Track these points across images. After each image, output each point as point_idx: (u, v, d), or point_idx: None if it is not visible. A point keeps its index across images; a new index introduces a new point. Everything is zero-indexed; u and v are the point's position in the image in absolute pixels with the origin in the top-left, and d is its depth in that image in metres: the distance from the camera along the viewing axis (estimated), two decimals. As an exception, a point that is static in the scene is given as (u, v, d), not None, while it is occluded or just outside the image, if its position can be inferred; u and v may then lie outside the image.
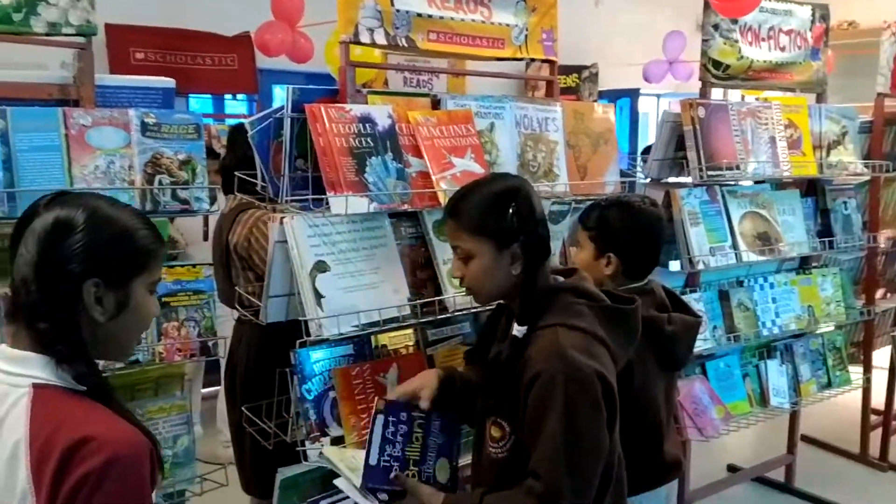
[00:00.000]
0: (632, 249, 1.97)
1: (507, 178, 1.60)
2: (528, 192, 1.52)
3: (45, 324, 1.03)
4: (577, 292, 1.51)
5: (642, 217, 1.99)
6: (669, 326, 1.94)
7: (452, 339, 2.26)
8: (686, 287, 3.07)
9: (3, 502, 1.00)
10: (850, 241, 3.45)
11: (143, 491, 1.01)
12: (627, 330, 1.54)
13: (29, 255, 1.04)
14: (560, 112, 2.50)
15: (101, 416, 1.04)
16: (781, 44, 3.22)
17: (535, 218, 1.50)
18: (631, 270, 1.99)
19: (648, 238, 2.01)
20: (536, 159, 2.43)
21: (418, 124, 2.12)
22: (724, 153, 2.93)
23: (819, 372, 3.49)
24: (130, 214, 1.12)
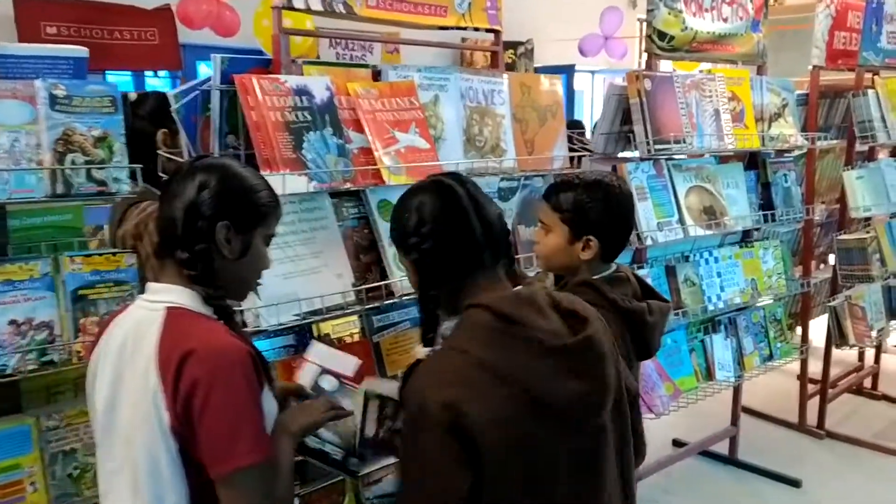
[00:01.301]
0: (612, 231, 1.82)
1: (424, 182, 1.40)
2: (430, 198, 1.33)
3: (185, 253, 1.27)
4: (493, 312, 1.25)
5: (621, 196, 1.83)
6: (650, 317, 1.80)
7: (399, 324, 2.14)
8: (633, 263, 3.02)
9: (141, 400, 1.22)
10: (791, 213, 3.46)
11: (245, 393, 1.22)
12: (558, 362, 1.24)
13: (179, 200, 1.28)
14: (506, 84, 2.39)
15: (212, 331, 1.27)
16: (724, 14, 3.17)
17: (427, 228, 1.30)
18: (608, 253, 1.84)
19: (627, 218, 1.88)
20: (483, 134, 2.31)
21: (359, 97, 1.98)
22: (670, 126, 2.87)
23: (761, 344, 3.52)
24: (255, 175, 1.38)
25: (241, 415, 1.22)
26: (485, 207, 1.34)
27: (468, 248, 1.31)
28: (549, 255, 1.84)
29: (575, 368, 1.23)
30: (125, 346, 1.27)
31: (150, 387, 1.22)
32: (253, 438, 1.22)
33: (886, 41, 3.91)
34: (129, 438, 1.24)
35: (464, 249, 1.31)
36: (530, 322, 1.24)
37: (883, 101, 3.75)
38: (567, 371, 1.23)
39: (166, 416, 1.21)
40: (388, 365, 2.06)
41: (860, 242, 3.70)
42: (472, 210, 1.32)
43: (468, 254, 1.31)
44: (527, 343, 1.22)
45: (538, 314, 1.26)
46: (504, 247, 1.37)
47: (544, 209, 1.83)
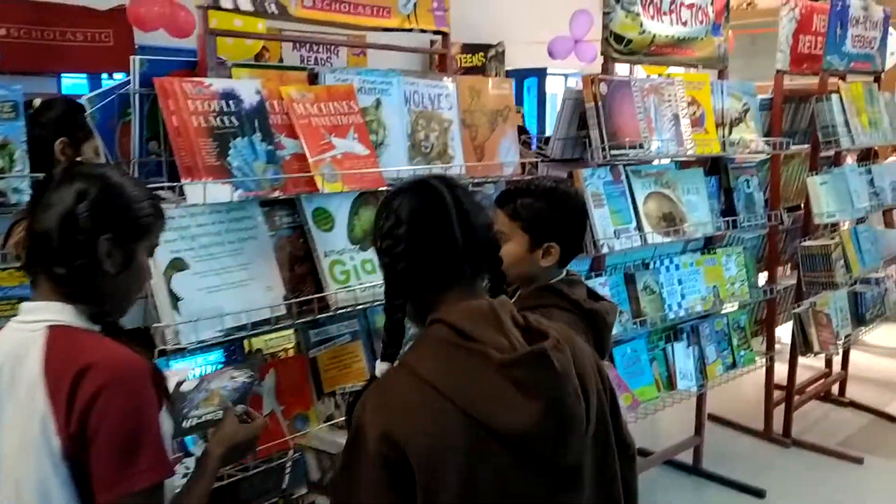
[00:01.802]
0: (571, 236, 1.81)
1: (408, 182, 1.30)
2: (410, 198, 1.22)
3: (63, 269, 1.20)
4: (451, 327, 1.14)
5: (577, 201, 1.84)
6: (609, 316, 1.81)
7: (338, 338, 2.05)
8: (591, 271, 2.96)
9: (26, 429, 1.14)
10: (753, 219, 3.42)
11: (147, 406, 1.17)
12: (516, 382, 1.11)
13: (54, 211, 1.20)
14: (454, 88, 2.32)
15: (108, 346, 1.20)
16: (683, 18, 3.12)
17: (402, 230, 1.19)
18: (566, 258, 1.82)
19: (583, 223, 1.87)
20: (429, 139, 2.24)
21: (293, 101, 1.89)
22: (627, 131, 2.81)
23: (724, 352, 3.47)
24: (137, 185, 1.30)
25: (142, 428, 1.15)
26: (471, 215, 1.21)
27: (445, 257, 1.19)
28: (509, 264, 1.71)
29: (524, 385, 1.09)
30: (0, 376, 1.18)
31: (38, 412, 1.14)
32: (154, 455, 1.15)
33: (852, 45, 3.89)
34: (16, 473, 1.15)
35: (440, 257, 1.19)
36: (485, 338, 1.12)
37: (847, 106, 3.72)
38: (515, 389, 1.09)
39: (57, 441, 1.13)
40: (325, 382, 1.98)
41: (824, 249, 3.66)
42: (455, 215, 1.19)
43: (444, 263, 1.19)
44: (477, 360, 1.10)
45: (496, 330, 1.13)
46: (489, 261, 1.26)
47: (500, 218, 1.77)
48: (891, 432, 4.25)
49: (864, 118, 3.84)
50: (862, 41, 3.95)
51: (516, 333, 1.14)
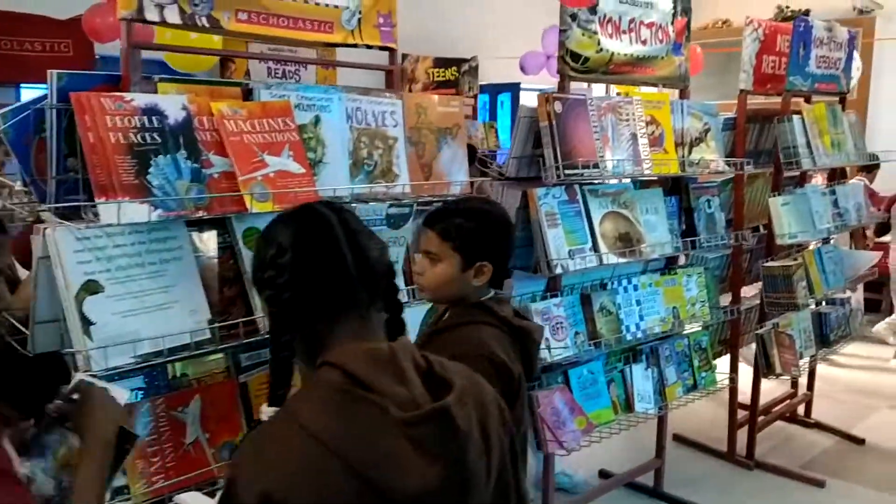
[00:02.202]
0: (503, 254, 1.82)
1: (291, 209, 1.21)
2: (294, 224, 1.13)
3: None
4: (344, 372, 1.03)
5: (504, 220, 1.85)
6: (536, 334, 1.84)
7: (272, 362, 1.98)
8: (547, 292, 2.91)
9: None
10: (714, 239, 3.39)
11: None
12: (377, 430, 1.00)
13: None
14: (400, 105, 2.26)
15: None
16: (643, 37, 3.10)
17: (285, 259, 1.08)
18: (497, 277, 1.83)
19: (512, 241, 1.91)
20: (372, 157, 2.18)
21: (224, 117, 1.83)
22: (582, 150, 2.77)
23: (685, 374, 3.42)
24: None
25: None
26: (362, 240, 1.13)
27: (335, 282, 1.08)
28: (440, 285, 1.78)
29: (424, 446, 0.99)
30: None
31: None
32: None
33: (816, 66, 3.89)
34: None
35: (330, 283, 1.08)
36: (384, 388, 1.01)
37: (809, 127, 3.71)
38: (414, 449, 0.98)
39: None
40: (256, 408, 1.91)
41: (785, 270, 3.64)
42: (344, 241, 1.10)
43: (335, 288, 1.08)
44: (373, 414, 0.99)
45: (396, 379, 1.03)
46: (384, 289, 1.16)
47: (430, 238, 1.76)
48: (855, 455, 4.23)
49: (826, 139, 3.83)
50: (826, 62, 3.94)
51: (417, 383, 1.05)
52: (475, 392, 1.11)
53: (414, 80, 6.24)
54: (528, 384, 1.96)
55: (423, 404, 1.02)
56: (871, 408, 4.88)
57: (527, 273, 2.86)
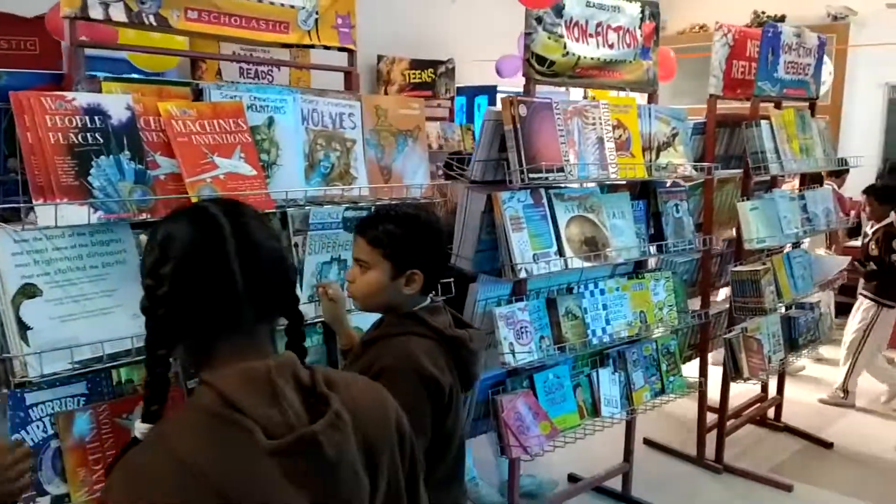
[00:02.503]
0: (435, 262, 1.76)
1: (183, 209, 1.13)
2: (182, 229, 1.03)
3: None
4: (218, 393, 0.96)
5: (438, 226, 1.79)
6: (472, 344, 1.77)
7: (224, 367, 1.94)
8: (512, 296, 2.89)
9: None
10: (681, 244, 3.38)
11: None
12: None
13: None
14: (358, 107, 2.24)
15: None
16: (610, 41, 3.09)
17: (167, 268, 1.00)
18: (429, 285, 1.78)
19: (445, 248, 1.85)
20: (329, 159, 2.15)
21: (171, 118, 1.79)
22: (547, 154, 2.76)
23: (653, 378, 3.41)
24: None
25: None
26: (259, 248, 1.03)
27: (218, 303, 1.00)
28: (370, 293, 1.74)
29: (291, 476, 0.94)
30: None
31: None
32: None
33: (785, 71, 3.90)
34: None
35: (211, 304, 1.00)
36: (256, 413, 0.94)
37: (777, 132, 3.72)
38: (282, 479, 0.93)
39: None
40: (205, 413, 1.87)
41: (753, 275, 3.64)
42: (234, 250, 1.00)
43: (217, 310, 1.00)
44: (242, 439, 0.93)
45: (270, 402, 0.97)
46: (278, 303, 1.08)
47: (360, 245, 1.71)
48: (823, 458, 4.25)
49: (795, 144, 3.85)
50: (795, 68, 3.96)
51: (296, 403, 0.98)
52: (365, 410, 1.06)
53: (390, 81, 6.20)
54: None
55: (297, 427, 0.96)
56: (841, 412, 4.91)
57: (492, 277, 2.84)
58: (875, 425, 4.70)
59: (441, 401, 1.62)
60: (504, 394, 2.83)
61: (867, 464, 4.16)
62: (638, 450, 4.01)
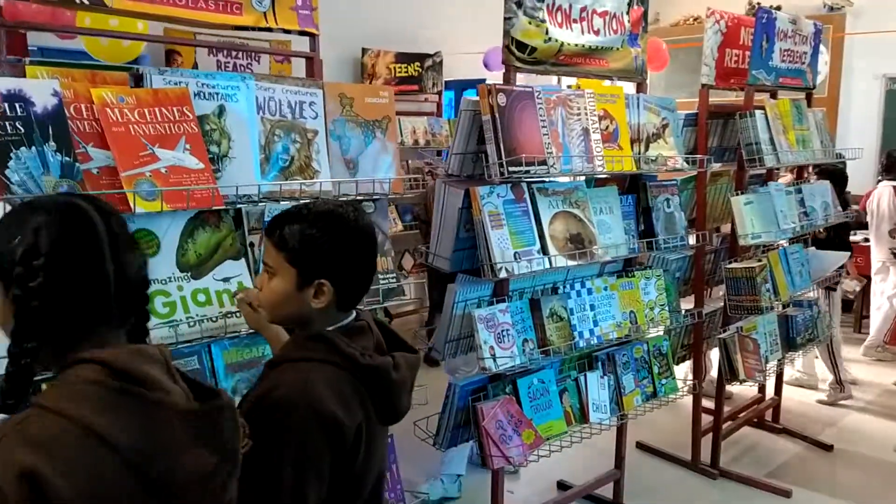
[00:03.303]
0: (348, 273, 1.46)
1: (50, 198, 1.12)
2: (55, 222, 1.03)
3: None
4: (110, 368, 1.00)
5: (358, 230, 1.47)
6: (396, 373, 1.47)
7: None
8: (493, 296, 2.74)
9: None
10: (673, 240, 3.22)
11: None
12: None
13: None
14: (320, 95, 2.08)
15: None
16: (595, 27, 2.93)
17: (41, 261, 0.99)
18: (345, 300, 1.48)
19: (366, 257, 1.50)
20: (288, 152, 1.99)
21: (106, 105, 1.63)
22: (529, 146, 2.60)
23: (644, 381, 3.26)
24: None
25: None
26: (126, 253, 1.08)
27: (90, 303, 1.03)
28: (275, 304, 1.46)
29: (205, 437, 1.05)
30: None
31: None
32: None
33: (780, 59, 3.74)
34: None
35: (85, 304, 1.03)
36: (156, 383, 1.02)
37: (773, 123, 3.57)
38: (195, 439, 1.03)
39: None
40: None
41: (748, 272, 3.49)
42: (109, 255, 1.04)
43: (89, 309, 1.04)
44: (152, 407, 1.00)
45: (164, 374, 1.05)
46: (138, 305, 1.12)
47: (267, 248, 1.45)
48: (822, 462, 4.10)
49: (791, 136, 3.69)
50: (791, 56, 3.80)
51: (179, 379, 1.07)
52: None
53: (374, 75, 6.03)
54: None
55: (189, 399, 1.05)
56: (840, 412, 4.76)
57: (472, 277, 2.68)
58: (876, 425, 4.55)
59: (343, 443, 1.36)
60: (485, 401, 2.68)
61: (868, 467, 4.01)
62: (630, 454, 3.87)
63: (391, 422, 1.51)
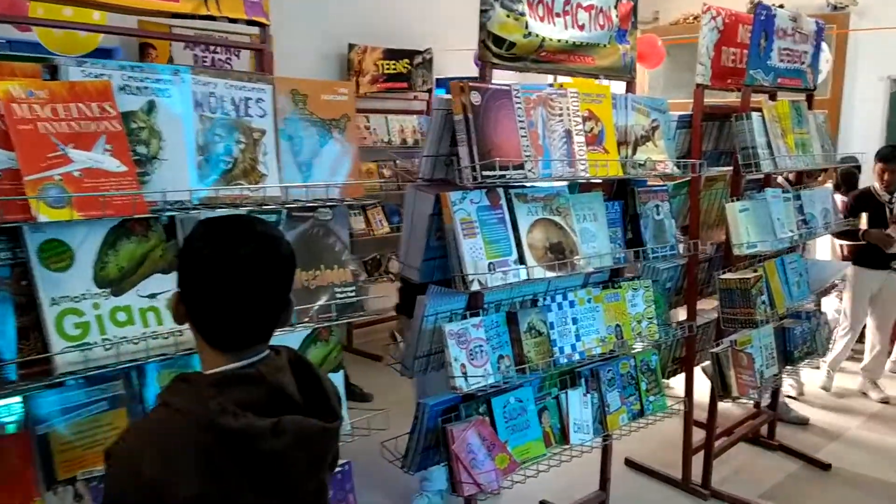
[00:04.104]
0: (210, 304, 1.20)
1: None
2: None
3: None
4: None
5: (212, 260, 1.18)
6: (270, 442, 1.16)
7: (90, 406, 1.60)
8: (467, 309, 2.55)
9: None
10: (662, 249, 3.03)
11: None
12: None
13: None
14: (270, 91, 1.89)
15: None
16: (580, 21, 2.74)
17: None
18: (217, 337, 1.22)
19: (223, 293, 1.19)
20: (230, 153, 1.80)
21: (12, 100, 1.44)
22: (505, 149, 2.41)
23: (631, 398, 3.07)
24: None
25: None
26: None
27: None
28: (174, 313, 1.25)
29: None
30: None
31: None
32: None
33: (779, 59, 3.55)
34: None
35: None
36: None
37: (770, 126, 3.38)
38: None
39: None
40: (60, 465, 1.52)
41: (742, 283, 3.30)
42: None
43: None
44: None
45: None
46: None
47: None
48: (819, 481, 3.91)
49: (790, 139, 3.50)
50: (791, 55, 3.61)
51: None
52: None
53: (361, 72, 5.84)
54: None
55: None
56: (840, 429, 4.57)
57: (445, 289, 2.49)
58: (875, 444, 4.36)
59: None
60: (456, 422, 2.49)
61: (867, 488, 3.82)
62: (618, 471, 3.69)
63: (270, 497, 1.19)
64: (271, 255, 1.22)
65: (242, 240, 1.19)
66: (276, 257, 1.23)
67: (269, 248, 1.22)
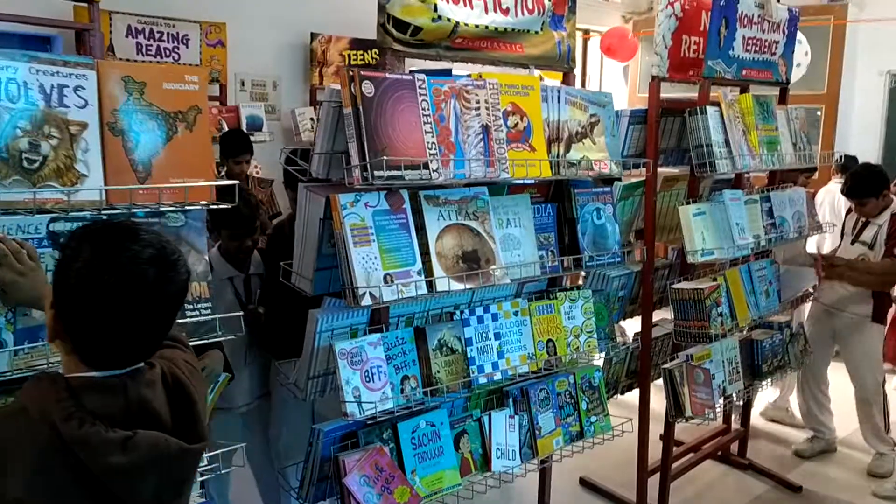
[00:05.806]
0: (88, 323, 1.13)
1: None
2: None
3: None
4: None
5: (89, 268, 1.11)
6: (118, 457, 1.09)
7: None
8: (371, 324, 2.29)
9: None
10: (603, 256, 2.75)
11: None
12: None
13: None
14: (93, 78, 1.63)
15: None
16: (504, 5, 2.46)
17: None
18: (88, 352, 1.15)
19: (97, 305, 1.12)
20: (38, 150, 1.55)
21: None
22: (404, 146, 2.14)
23: (569, 419, 2.80)
24: None
25: None
26: None
27: None
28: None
29: None
30: None
31: None
32: None
33: (743, 49, 3.26)
34: None
35: None
36: None
37: (730, 122, 3.08)
38: None
39: None
40: None
41: (696, 294, 3.01)
42: None
43: None
44: None
45: None
46: None
47: None
48: None
49: (753, 137, 3.20)
50: (758, 45, 3.32)
51: None
52: None
53: (325, 63, 5.57)
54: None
55: None
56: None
57: (342, 301, 2.24)
58: (848, 467, 4.03)
59: None
60: (351, 451, 2.23)
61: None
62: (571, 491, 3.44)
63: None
64: (161, 269, 1.14)
65: (125, 251, 1.12)
66: (165, 271, 1.15)
67: (160, 260, 1.15)
